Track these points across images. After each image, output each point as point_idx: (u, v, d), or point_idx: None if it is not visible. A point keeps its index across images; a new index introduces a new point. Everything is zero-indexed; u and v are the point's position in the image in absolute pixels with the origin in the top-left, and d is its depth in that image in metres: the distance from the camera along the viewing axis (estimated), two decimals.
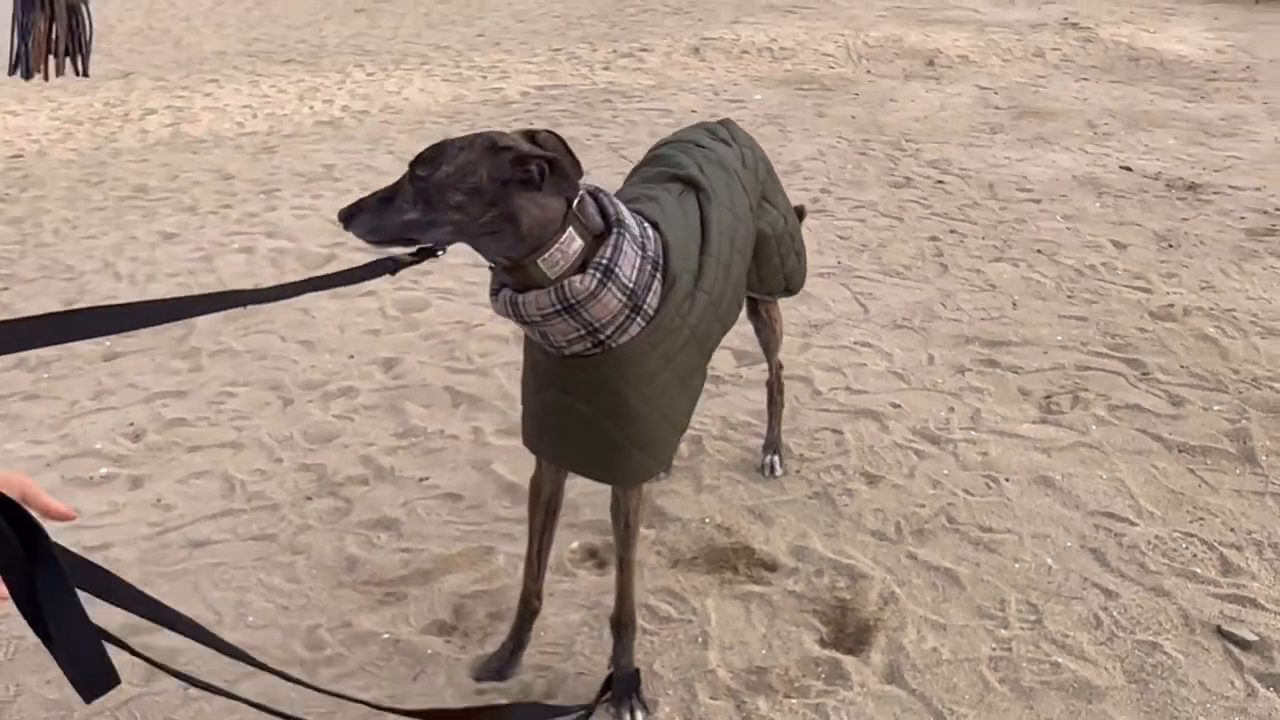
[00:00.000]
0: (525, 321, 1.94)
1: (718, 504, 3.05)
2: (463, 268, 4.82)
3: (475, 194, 1.81)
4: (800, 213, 2.97)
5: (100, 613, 1.16)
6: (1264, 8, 10.67)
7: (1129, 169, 5.96)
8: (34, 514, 1.07)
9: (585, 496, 3.03)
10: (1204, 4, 11.10)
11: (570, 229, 1.88)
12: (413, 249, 1.86)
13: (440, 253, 1.88)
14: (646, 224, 2.05)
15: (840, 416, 3.49)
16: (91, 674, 1.09)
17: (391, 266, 1.83)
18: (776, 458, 3.18)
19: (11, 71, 2.12)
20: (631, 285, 1.93)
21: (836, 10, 11.06)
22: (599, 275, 1.89)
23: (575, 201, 1.89)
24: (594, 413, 2.04)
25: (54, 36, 2.08)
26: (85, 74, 2.50)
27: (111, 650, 1.13)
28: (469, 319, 4.29)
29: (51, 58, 2.16)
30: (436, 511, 3.11)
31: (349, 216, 1.85)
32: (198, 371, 3.98)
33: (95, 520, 3.11)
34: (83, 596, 1.11)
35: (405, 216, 1.82)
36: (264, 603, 2.75)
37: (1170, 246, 4.84)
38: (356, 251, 5.05)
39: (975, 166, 6.05)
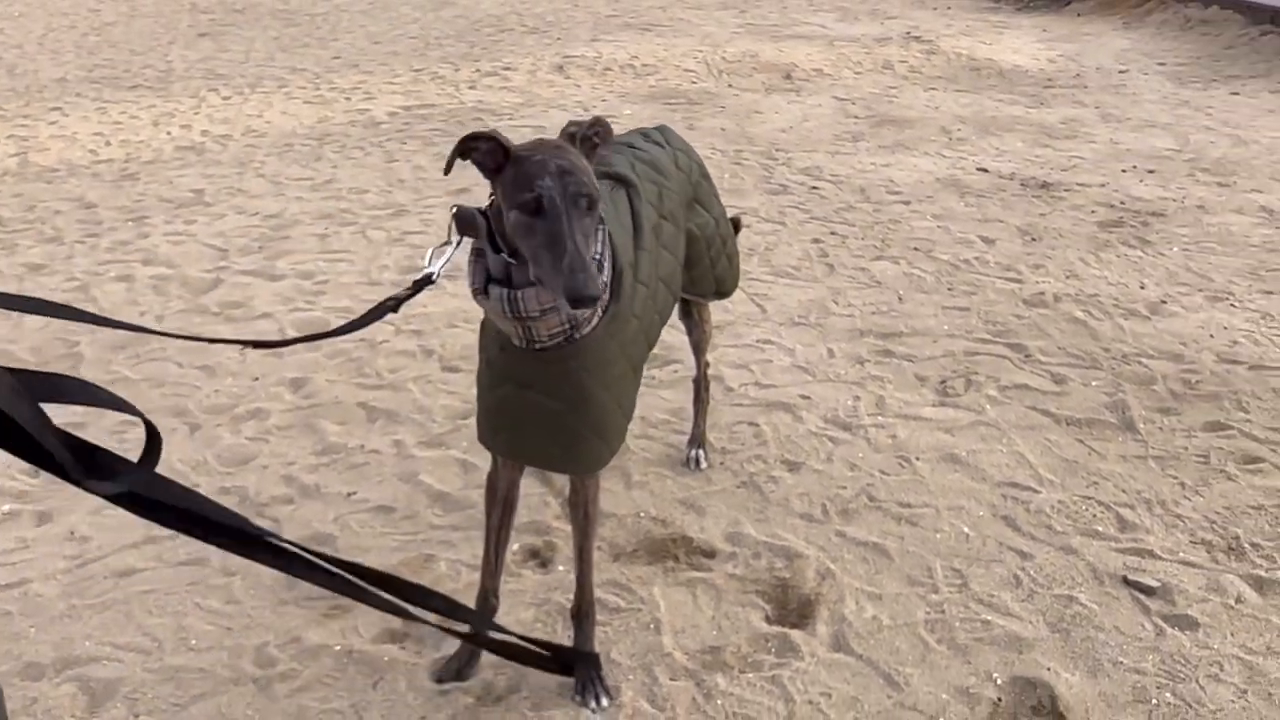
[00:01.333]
0: (519, 318, 1.98)
1: (650, 498, 3.15)
2: (357, 286, 4.79)
3: None
4: (736, 224, 3.10)
5: None
6: (1085, 19, 11.43)
7: (985, 170, 6.34)
8: None
9: (520, 499, 3.07)
10: (1031, 17, 11.82)
11: None
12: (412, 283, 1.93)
13: (435, 280, 1.95)
14: None
15: (754, 410, 3.63)
16: None
17: (394, 306, 1.89)
18: (701, 451, 3.29)
19: None
20: (606, 279, 2.02)
21: (691, 28, 11.34)
22: (603, 281, 1.97)
23: None
24: (554, 404, 2.11)
25: None
26: None
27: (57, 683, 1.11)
28: (373, 336, 4.27)
29: None
30: (370, 524, 3.10)
31: (598, 296, 1.81)
32: None
33: (5, 558, 3.00)
34: None
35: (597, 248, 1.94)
36: (205, 625, 2.70)
37: (1033, 240, 5.18)
38: (241, 274, 4.97)
39: (845, 172, 6.33)
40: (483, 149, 1.93)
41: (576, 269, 1.77)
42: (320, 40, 11.32)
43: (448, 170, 2.00)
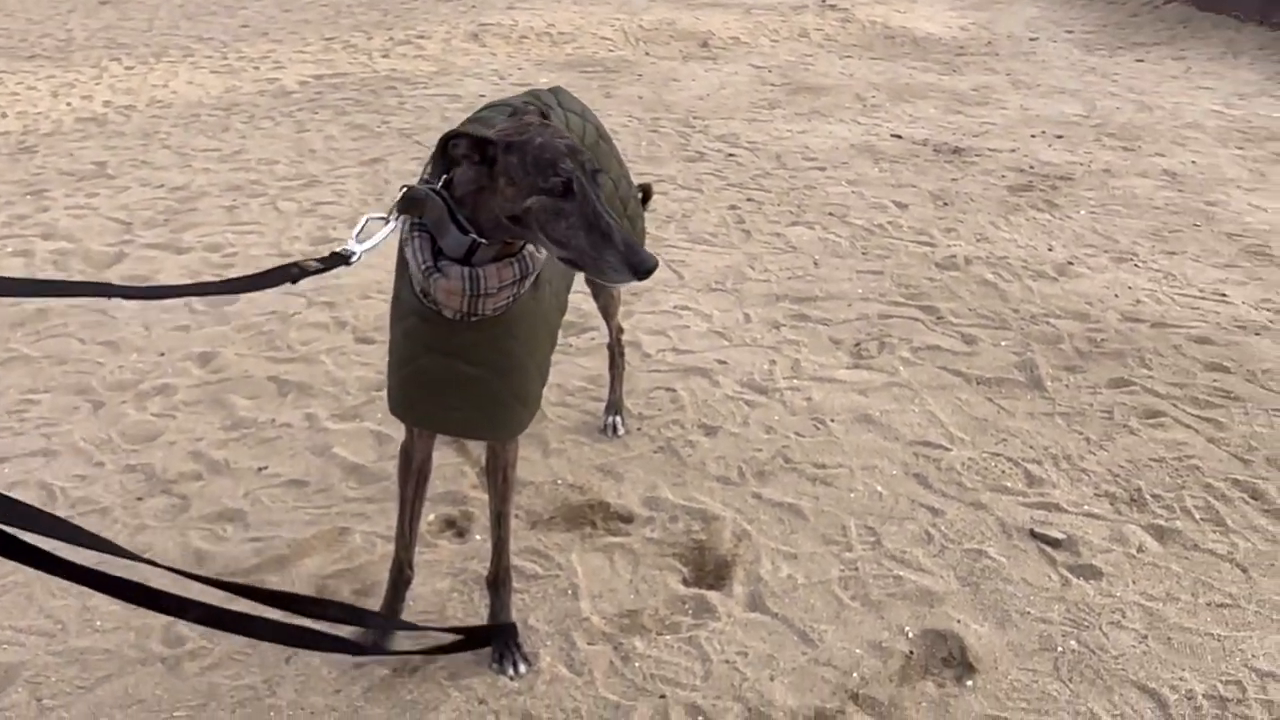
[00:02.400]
0: (478, 294, 1.96)
1: (567, 465, 3.13)
2: (267, 259, 4.69)
3: None
4: (646, 191, 3.08)
5: None
6: None
7: (899, 137, 6.41)
8: None
9: (435, 469, 3.04)
10: None
11: None
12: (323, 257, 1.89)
13: (352, 260, 1.91)
14: None
15: (671, 375, 3.63)
16: None
17: (296, 275, 1.84)
18: (619, 418, 3.28)
19: None
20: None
21: None
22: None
23: None
24: (477, 371, 2.08)
25: None
26: None
27: None
28: (284, 309, 4.18)
29: None
30: (282, 499, 3.05)
31: (651, 261, 1.78)
32: None
33: None
34: None
35: None
36: (110, 605, 2.62)
37: (945, 204, 5.25)
38: (146, 248, 4.82)
39: (761, 139, 6.35)
40: (463, 146, 1.92)
41: (631, 244, 1.78)
42: (227, 8, 11.01)
43: (436, 175, 1.99)
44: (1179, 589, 2.60)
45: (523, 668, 2.37)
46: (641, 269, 1.76)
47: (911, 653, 2.41)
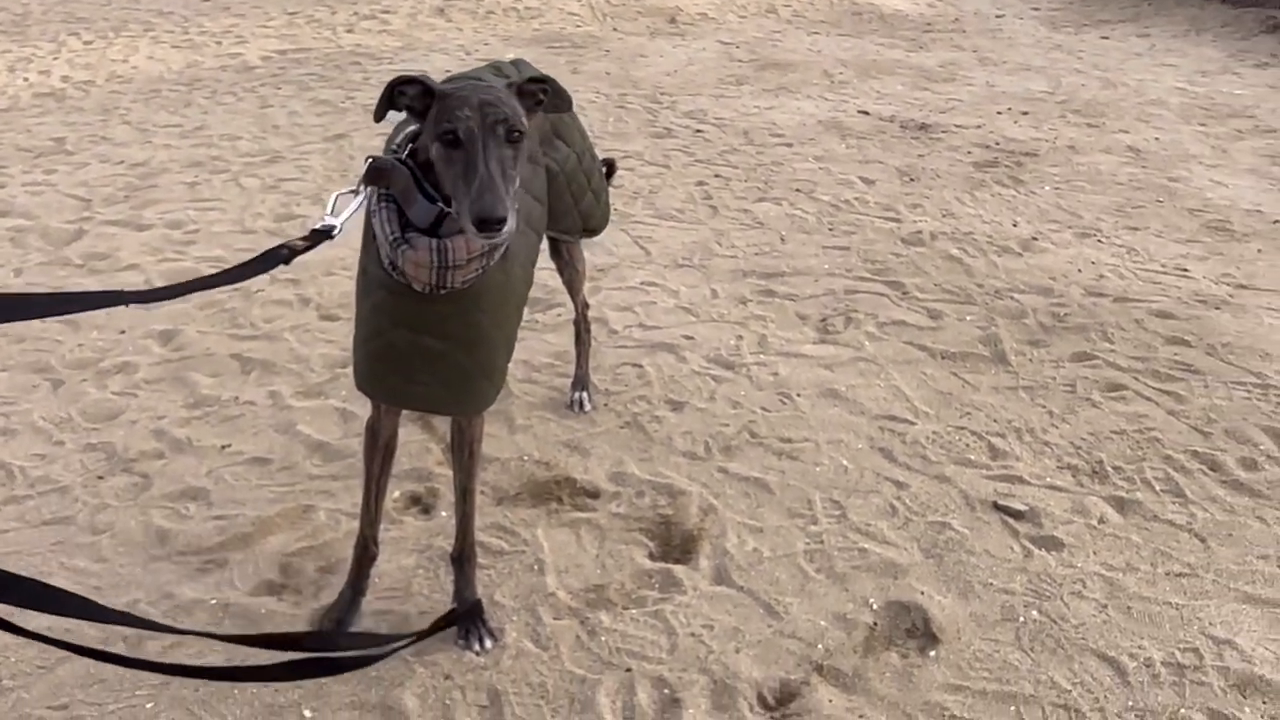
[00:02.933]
0: (445, 266, 1.93)
1: (534, 441, 3.13)
2: (229, 235, 4.64)
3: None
4: (610, 166, 3.06)
5: None
6: None
7: (866, 113, 6.41)
8: None
9: (400, 446, 3.02)
10: None
11: None
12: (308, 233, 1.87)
13: (336, 234, 1.89)
14: None
15: (638, 351, 3.63)
16: None
17: (286, 256, 1.82)
18: (585, 394, 3.28)
19: None
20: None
21: None
22: (513, 210, 1.92)
23: None
24: (445, 346, 2.07)
25: None
26: None
27: None
28: (247, 286, 4.13)
29: None
30: (245, 477, 3.02)
31: (504, 218, 1.76)
32: None
33: None
34: None
35: (517, 183, 1.85)
36: (71, 585, 2.60)
37: (911, 180, 5.26)
38: (106, 225, 4.76)
39: (729, 116, 6.33)
40: (410, 93, 1.92)
41: (485, 190, 1.76)
42: None
43: (378, 118, 1.97)
44: (1139, 559, 2.63)
45: (489, 643, 2.36)
46: (480, 215, 1.74)
47: (876, 624, 2.43)
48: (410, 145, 1.99)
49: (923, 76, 7.31)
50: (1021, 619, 2.43)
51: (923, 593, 2.51)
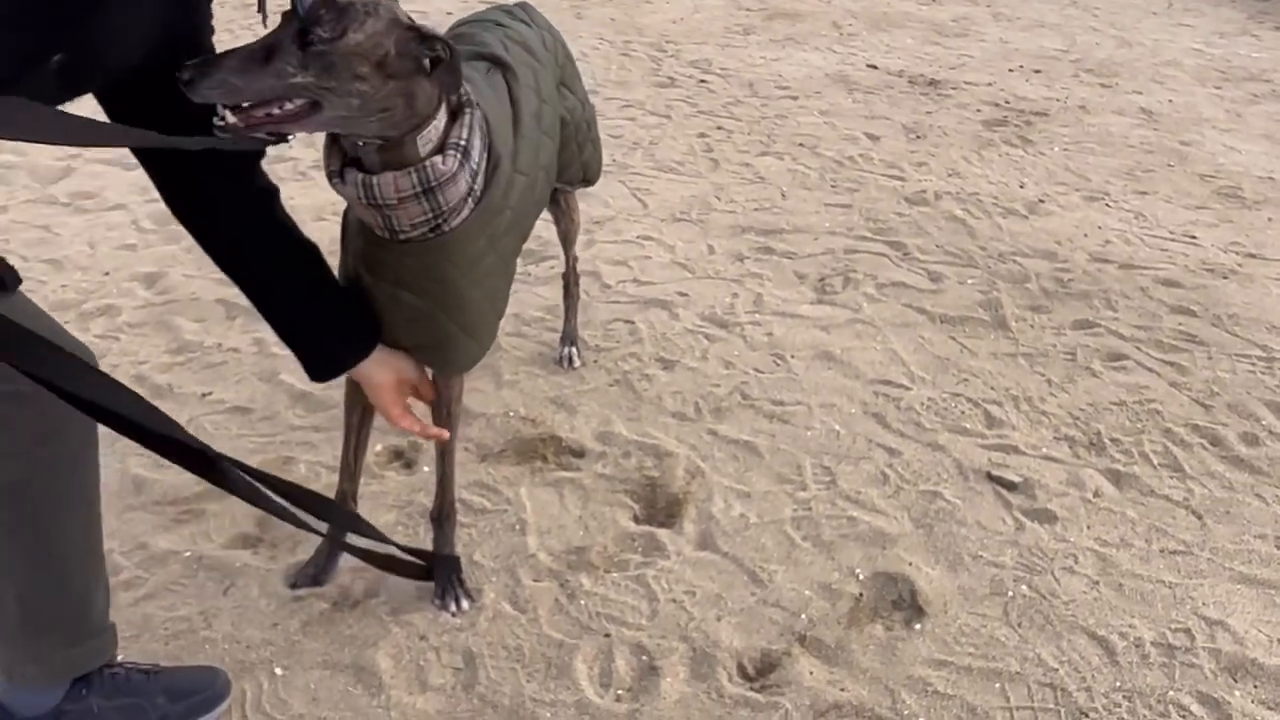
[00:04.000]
0: (375, 204, 1.84)
1: (520, 397, 3.06)
2: None
3: (380, 67, 1.66)
4: None
5: None
6: None
7: (875, 67, 6.27)
8: None
9: None
10: None
11: (442, 107, 1.81)
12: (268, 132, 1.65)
13: (289, 141, 1.76)
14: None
15: (631, 307, 3.55)
16: None
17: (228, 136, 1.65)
18: (574, 349, 3.21)
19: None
20: (477, 167, 1.89)
21: None
22: (459, 156, 1.82)
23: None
24: (422, 300, 1.99)
25: None
26: None
27: None
28: None
29: None
30: (225, 426, 2.96)
31: (194, 78, 1.53)
32: None
33: None
34: None
35: (292, 80, 1.59)
36: None
37: (918, 138, 5.15)
38: (95, 163, 4.65)
39: (734, 66, 6.20)
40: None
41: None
42: None
43: None
44: (1133, 535, 2.57)
45: (465, 604, 2.31)
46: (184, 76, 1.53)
47: (861, 595, 2.38)
48: None
49: (934, 31, 7.15)
50: (1010, 594, 2.38)
51: (911, 564, 2.46)
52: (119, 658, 2.03)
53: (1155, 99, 5.87)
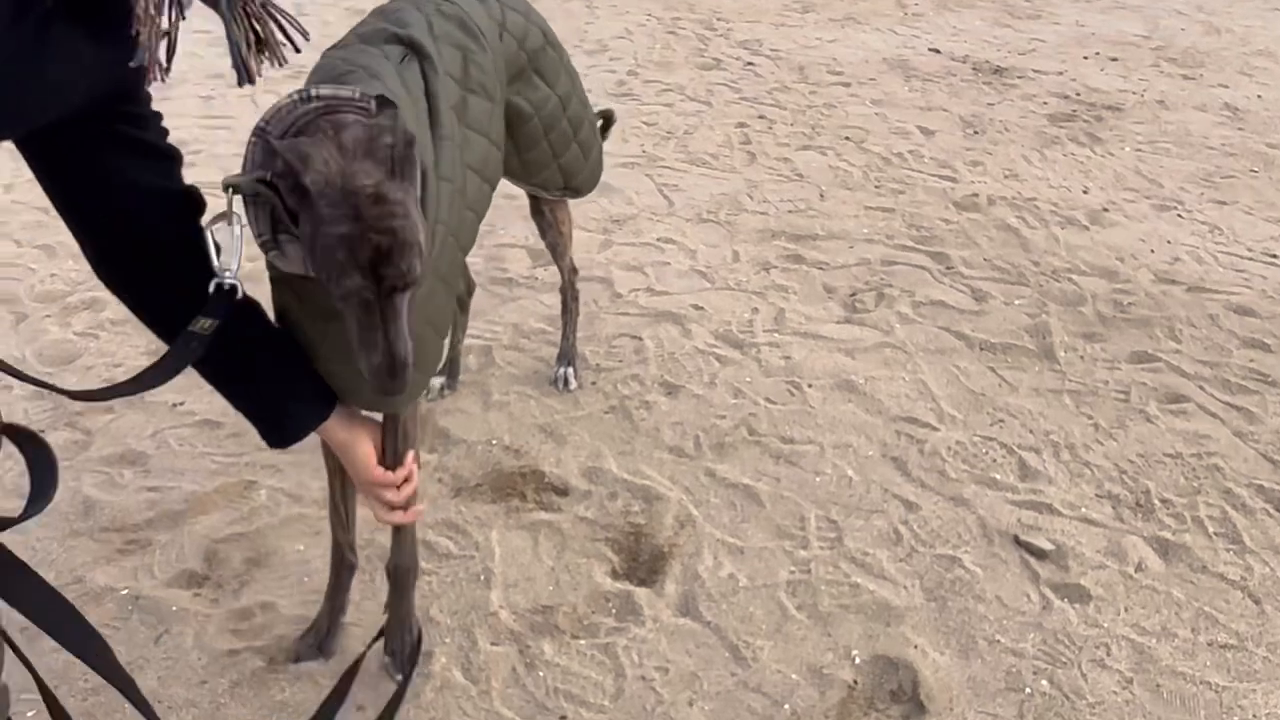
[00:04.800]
0: None
1: (507, 422, 2.82)
2: (234, 159, 4.34)
3: None
4: (606, 119, 2.69)
5: None
6: None
7: (937, 51, 5.88)
8: None
9: None
10: None
11: None
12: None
13: (239, 289, 1.57)
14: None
15: (640, 321, 3.28)
16: None
17: (196, 348, 1.55)
18: (570, 369, 2.95)
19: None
20: None
21: None
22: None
23: None
24: None
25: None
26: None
27: None
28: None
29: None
30: (191, 442, 2.77)
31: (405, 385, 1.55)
32: None
33: None
34: None
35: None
36: None
37: (976, 133, 4.78)
38: None
39: (786, 47, 5.85)
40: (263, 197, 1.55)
41: (384, 372, 1.53)
42: None
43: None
44: (1177, 622, 2.25)
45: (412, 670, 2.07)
46: (377, 390, 1.55)
47: (856, 682, 2.10)
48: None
49: (1005, 11, 6.71)
50: (1029, 690, 2.08)
51: (916, 646, 2.17)
52: None
53: (1242, 94, 5.40)
